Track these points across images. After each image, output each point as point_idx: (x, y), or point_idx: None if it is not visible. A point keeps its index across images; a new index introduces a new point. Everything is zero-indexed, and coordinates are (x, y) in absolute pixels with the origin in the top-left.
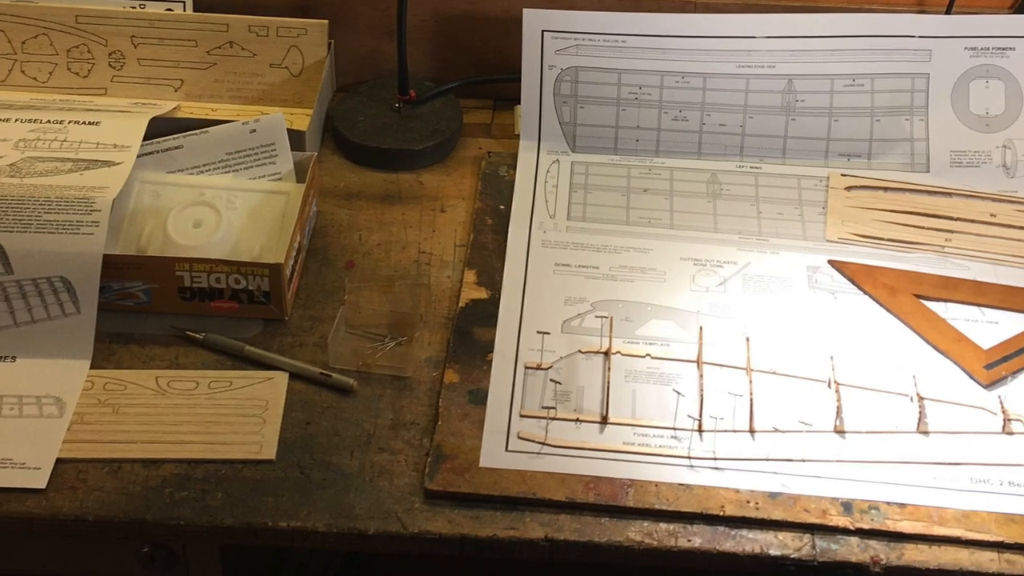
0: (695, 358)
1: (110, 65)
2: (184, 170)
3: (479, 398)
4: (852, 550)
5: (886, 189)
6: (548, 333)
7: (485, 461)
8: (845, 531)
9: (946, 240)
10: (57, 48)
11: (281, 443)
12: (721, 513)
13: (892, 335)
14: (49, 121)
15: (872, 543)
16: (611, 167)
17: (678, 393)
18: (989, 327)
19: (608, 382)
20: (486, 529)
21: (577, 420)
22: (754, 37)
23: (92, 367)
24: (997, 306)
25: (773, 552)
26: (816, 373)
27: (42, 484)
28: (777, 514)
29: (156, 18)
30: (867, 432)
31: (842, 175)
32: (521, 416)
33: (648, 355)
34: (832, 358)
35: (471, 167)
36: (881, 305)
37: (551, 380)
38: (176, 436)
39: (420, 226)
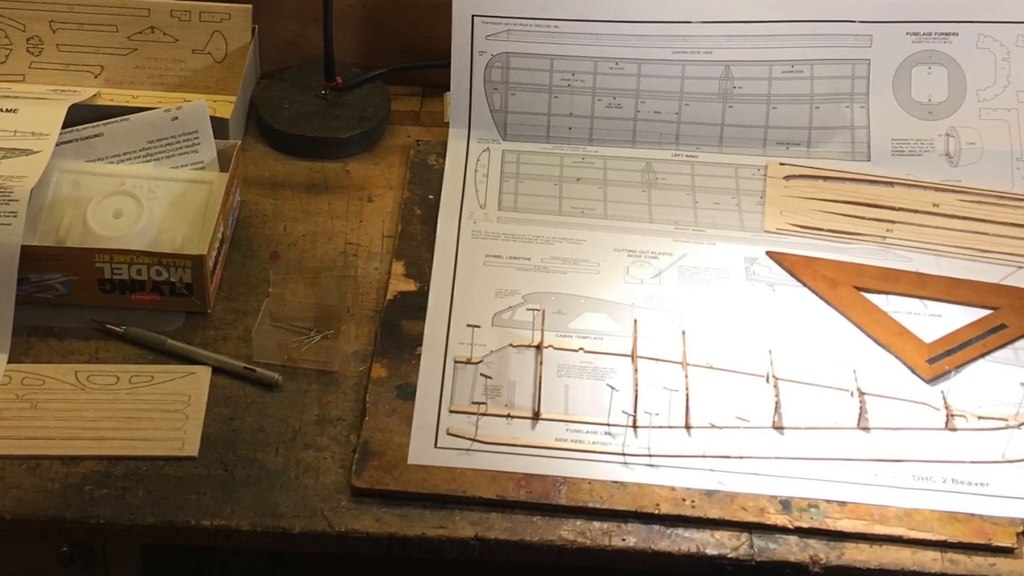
0: (629, 352)
1: (28, 51)
2: (104, 159)
3: (407, 393)
4: (791, 549)
5: (826, 178)
6: (478, 326)
7: (413, 458)
8: (784, 530)
9: (887, 231)
10: None
11: (204, 439)
12: (656, 511)
13: (832, 328)
14: None
15: (811, 542)
16: (543, 156)
17: (612, 388)
18: (931, 320)
19: (540, 377)
20: (414, 528)
21: (508, 416)
22: (690, 22)
23: (9, 361)
24: (940, 299)
25: (710, 552)
26: (754, 367)
27: None
28: (714, 512)
29: (75, 3)
30: (806, 428)
31: (780, 164)
32: (451, 412)
33: (581, 349)
34: (770, 352)
35: (399, 156)
36: (821, 297)
37: (481, 375)
38: (96, 432)
39: (347, 216)
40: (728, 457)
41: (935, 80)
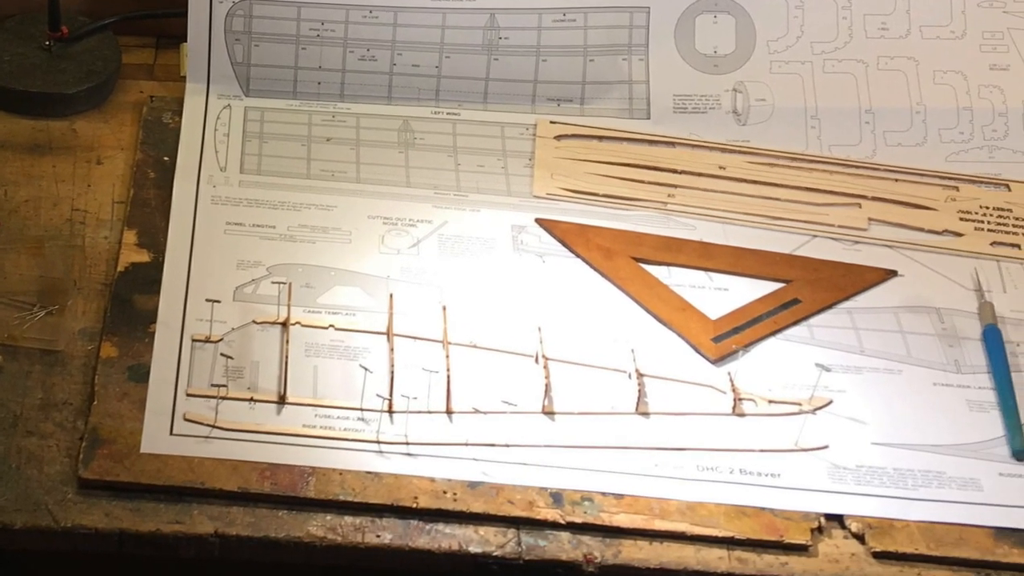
0: (385, 329)
1: None
2: None
3: (140, 375)
4: (563, 547)
5: (601, 138)
6: (218, 301)
7: (147, 446)
8: (555, 525)
9: (669, 196)
10: None
11: None
12: (414, 505)
13: (608, 303)
14: None
15: (585, 539)
16: (290, 113)
17: (365, 369)
18: (717, 294)
19: (286, 357)
20: (148, 523)
21: (251, 400)
22: None
23: None
24: (726, 270)
25: (473, 549)
26: (522, 347)
27: None
28: (477, 506)
29: None
30: (579, 413)
31: (551, 122)
32: (188, 395)
33: (331, 326)
34: (540, 330)
35: (131, 113)
36: (595, 269)
37: (221, 354)
38: None
39: (73, 180)
40: (493, 445)
41: (721, 30)
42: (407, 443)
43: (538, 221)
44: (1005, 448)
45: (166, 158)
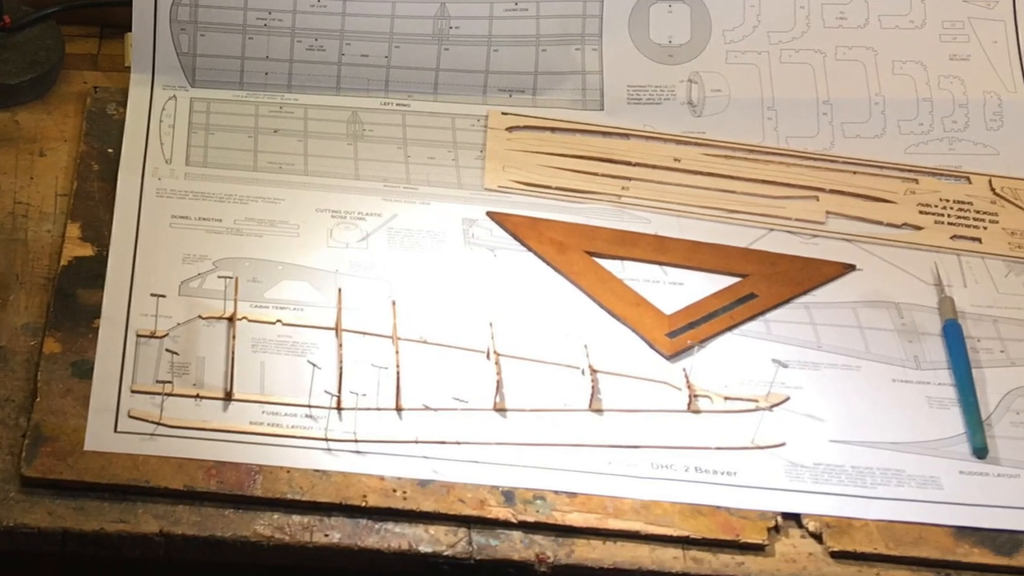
0: (333, 325)
1: None
2: None
3: (84, 371)
4: (515, 546)
5: (554, 130)
6: (164, 296)
7: (91, 444)
8: (506, 524)
9: (623, 188)
10: None
11: None
12: (363, 504)
13: (561, 298)
14: None
15: (538, 538)
16: (236, 104)
17: (314, 365)
18: (672, 289)
19: (232, 352)
20: (92, 522)
21: (197, 396)
22: None
23: None
24: (681, 264)
25: (423, 549)
26: (473, 342)
27: None
28: (428, 505)
29: None
30: (532, 410)
31: (503, 113)
32: (132, 392)
33: (279, 321)
34: (491, 325)
35: (75, 104)
36: (548, 263)
37: (167, 350)
38: None
39: (16, 172)
40: (444, 443)
41: (676, 19)
42: (356, 440)
43: (489, 214)
44: (965, 446)
45: (110, 150)
